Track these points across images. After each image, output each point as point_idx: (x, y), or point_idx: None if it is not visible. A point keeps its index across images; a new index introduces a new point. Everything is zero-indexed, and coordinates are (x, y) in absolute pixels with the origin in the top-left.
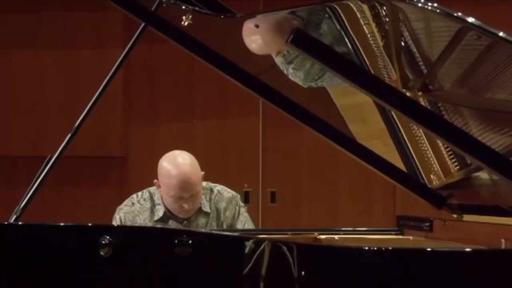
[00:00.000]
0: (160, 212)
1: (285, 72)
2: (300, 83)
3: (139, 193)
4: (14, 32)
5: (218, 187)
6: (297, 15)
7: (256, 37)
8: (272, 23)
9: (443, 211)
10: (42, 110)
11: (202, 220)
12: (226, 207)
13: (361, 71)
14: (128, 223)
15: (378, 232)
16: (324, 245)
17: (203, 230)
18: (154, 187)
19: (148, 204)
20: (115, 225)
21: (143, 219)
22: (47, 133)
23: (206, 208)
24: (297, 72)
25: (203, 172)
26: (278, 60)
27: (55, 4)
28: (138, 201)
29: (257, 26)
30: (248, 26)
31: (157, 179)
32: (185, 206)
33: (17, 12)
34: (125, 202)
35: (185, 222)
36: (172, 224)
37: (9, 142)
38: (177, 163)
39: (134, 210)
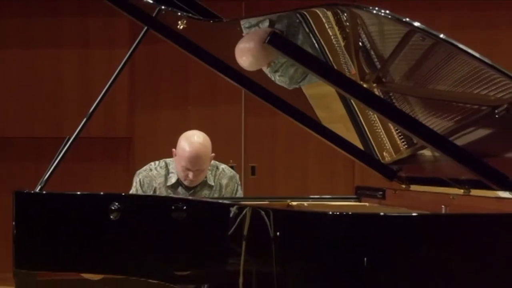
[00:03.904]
0: (173, 179)
1: (273, 79)
2: (286, 86)
3: (157, 162)
4: (38, 33)
5: (222, 166)
6: (273, 21)
7: (247, 56)
8: (258, 41)
9: (394, 182)
10: (62, 99)
11: (206, 191)
12: (227, 183)
13: (326, 67)
14: (145, 185)
15: (340, 199)
16: (295, 210)
17: (195, 198)
18: (170, 158)
19: (163, 172)
20: (123, 193)
21: (158, 183)
22: (66, 118)
23: (211, 182)
24: (282, 78)
25: (213, 154)
26: (266, 70)
27: (73, 10)
28: (155, 168)
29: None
30: (240, 47)
31: (175, 148)
32: (190, 176)
33: (41, 17)
34: (144, 168)
35: (192, 191)
36: (180, 191)
37: (35, 125)
38: (193, 140)
39: (151, 175)
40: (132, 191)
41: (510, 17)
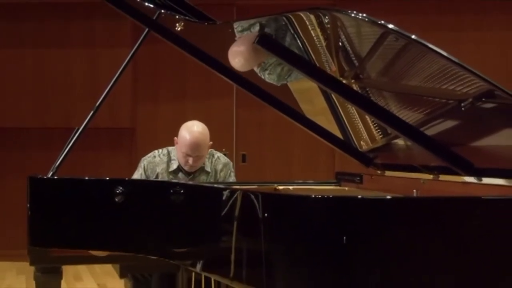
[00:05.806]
0: (174, 165)
1: (262, 77)
2: (275, 83)
3: (160, 150)
4: (50, 35)
5: (218, 154)
6: (263, 25)
7: (239, 58)
8: (248, 45)
9: (370, 169)
10: (72, 94)
11: (203, 177)
12: (221, 169)
13: (309, 64)
14: (149, 170)
15: (322, 184)
16: (282, 194)
17: (192, 183)
18: (172, 147)
19: (165, 159)
20: (126, 178)
21: (160, 169)
22: (75, 111)
23: (208, 168)
24: (271, 76)
25: (211, 142)
26: (257, 70)
27: (81, 14)
28: (159, 155)
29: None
30: (232, 51)
31: (176, 137)
32: (190, 161)
33: (52, 20)
34: (149, 155)
35: (191, 176)
36: (181, 176)
37: (47, 117)
38: (193, 130)
39: (155, 161)
40: (137, 174)
41: (472, 20)
